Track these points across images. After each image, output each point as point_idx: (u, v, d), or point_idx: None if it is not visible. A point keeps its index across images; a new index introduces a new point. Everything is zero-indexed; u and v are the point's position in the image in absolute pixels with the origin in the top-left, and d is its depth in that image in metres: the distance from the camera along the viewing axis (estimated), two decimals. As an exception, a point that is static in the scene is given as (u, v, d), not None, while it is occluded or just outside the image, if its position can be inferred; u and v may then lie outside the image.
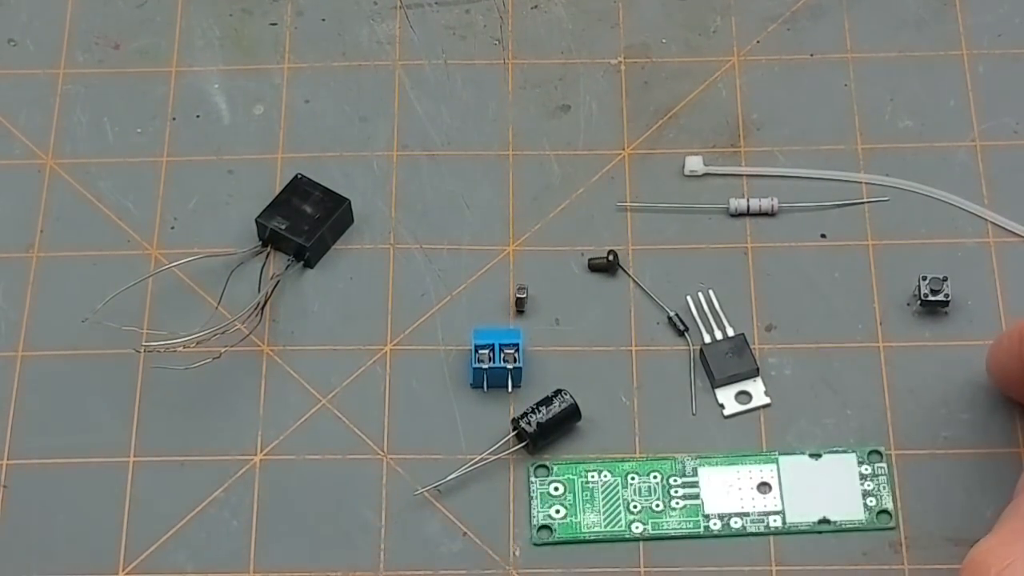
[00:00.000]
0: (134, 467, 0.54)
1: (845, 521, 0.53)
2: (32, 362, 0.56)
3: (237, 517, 0.53)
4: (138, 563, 0.53)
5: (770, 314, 0.56)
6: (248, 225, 0.58)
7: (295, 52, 0.62)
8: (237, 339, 0.55)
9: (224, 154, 0.60)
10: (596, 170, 0.60)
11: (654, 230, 0.58)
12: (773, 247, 0.58)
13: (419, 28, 0.63)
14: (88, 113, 0.61)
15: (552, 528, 0.53)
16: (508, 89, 0.61)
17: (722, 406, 0.55)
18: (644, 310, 0.57)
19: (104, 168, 0.60)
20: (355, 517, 0.53)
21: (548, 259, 0.58)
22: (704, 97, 0.61)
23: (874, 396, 0.55)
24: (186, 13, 0.63)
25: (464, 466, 0.53)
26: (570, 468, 0.54)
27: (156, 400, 0.55)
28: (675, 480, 0.54)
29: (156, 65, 0.62)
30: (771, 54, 0.62)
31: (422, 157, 0.60)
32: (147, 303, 0.57)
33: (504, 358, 0.55)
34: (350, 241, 0.58)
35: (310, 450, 0.54)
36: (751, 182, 0.59)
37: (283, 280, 0.57)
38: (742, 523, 0.53)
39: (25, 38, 0.63)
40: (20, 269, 0.58)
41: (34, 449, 0.54)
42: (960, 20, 0.62)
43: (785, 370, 0.56)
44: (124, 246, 0.58)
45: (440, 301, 0.57)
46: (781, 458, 0.54)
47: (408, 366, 0.56)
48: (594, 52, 0.62)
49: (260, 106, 0.61)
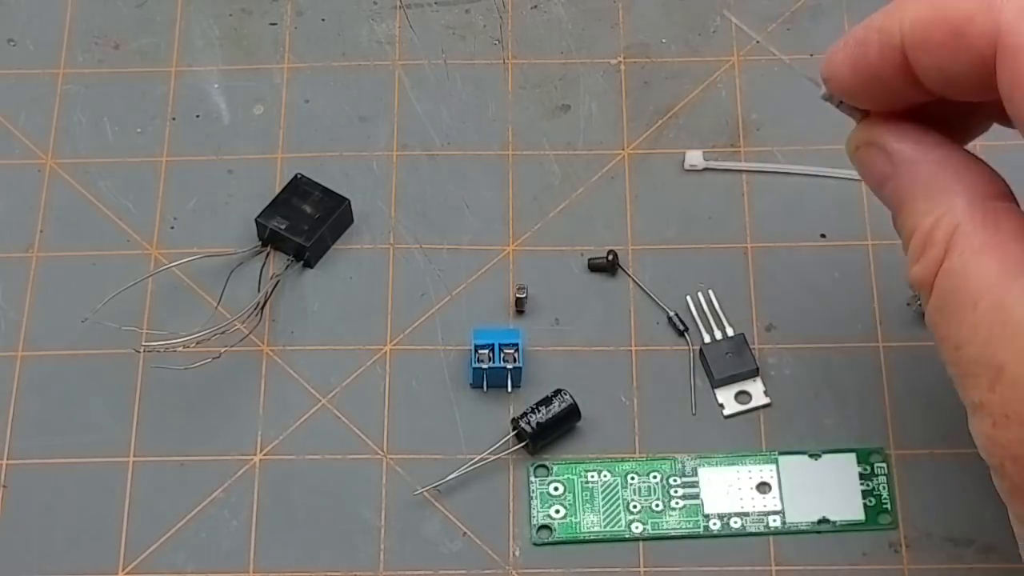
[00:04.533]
0: (134, 467, 0.54)
1: (845, 521, 0.53)
2: (32, 362, 0.56)
3: (237, 517, 0.53)
4: (138, 563, 0.53)
5: (770, 314, 0.57)
6: (248, 225, 0.58)
7: (295, 52, 0.62)
8: (237, 339, 0.55)
9: (224, 154, 0.60)
10: (596, 170, 0.60)
11: (654, 230, 0.58)
12: (773, 247, 0.58)
13: (419, 28, 0.63)
14: (88, 113, 0.61)
15: (552, 528, 0.53)
16: (508, 89, 0.61)
17: (722, 406, 0.55)
18: (644, 310, 0.57)
19: (104, 168, 0.60)
20: (355, 517, 0.53)
21: (548, 259, 0.58)
22: (704, 97, 0.61)
23: (874, 396, 0.55)
24: (186, 13, 0.63)
25: (464, 466, 0.53)
26: (570, 468, 0.54)
27: (156, 400, 0.55)
28: (675, 480, 0.54)
29: (156, 65, 0.62)
30: (771, 54, 0.62)
31: (422, 157, 0.60)
32: (147, 303, 0.57)
33: (504, 358, 0.55)
34: (350, 241, 0.58)
35: (310, 450, 0.54)
36: (751, 181, 0.59)
37: (283, 280, 0.57)
38: (742, 523, 0.53)
39: (25, 38, 0.63)
40: (20, 269, 0.58)
41: (34, 449, 0.54)
42: (960, 20, 0.62)
43: (785, 370, 0.56)
44: (124, 246, 0.58)
45: (440, 301, 0.57)
46: (781, 458, 0.54)
47: (408, 366, 0.56)
48: (594, 52, 0.62)
49: (260, 106, 0.61)
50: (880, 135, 0.46)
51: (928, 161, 0.45)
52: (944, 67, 0.43)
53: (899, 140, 0.46)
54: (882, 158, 0.46)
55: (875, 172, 0.47)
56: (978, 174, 0.45)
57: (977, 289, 0.43)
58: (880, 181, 0.47)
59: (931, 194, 0.45)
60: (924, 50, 0.43)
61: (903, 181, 0.46)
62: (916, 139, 0.46)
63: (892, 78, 0.45)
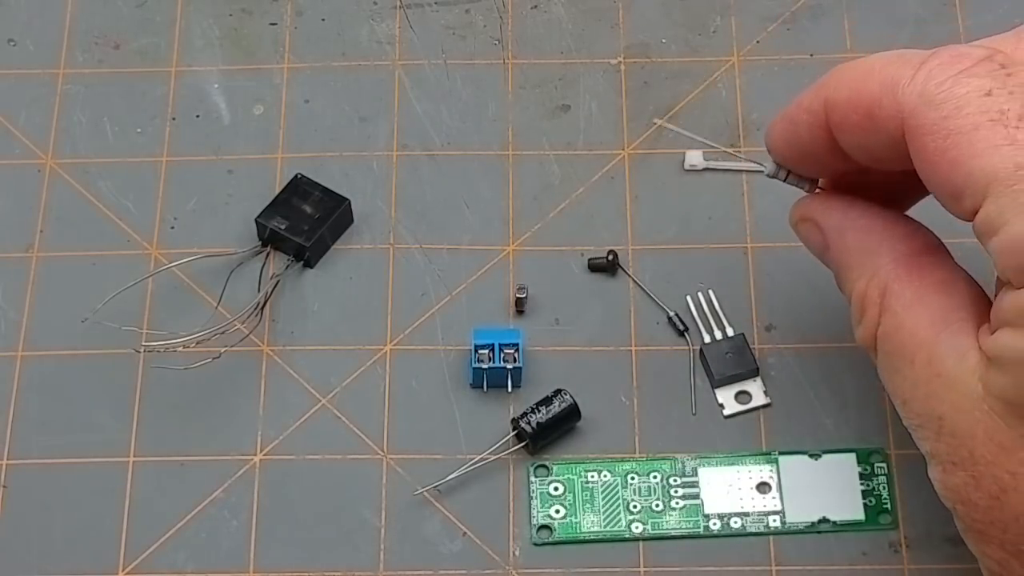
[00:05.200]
0: (134, 467, 0.54)
1: (845, 521, 0.53)
2: (32, 362, 0.56)
3: (237, 517, 0.53)
4: (138, 563, 0.53)
5: (770, 314, 0.57)
6: (248, 225, 0.58)
7: (295, 52, 0.62)
8: (237, 339, 0.55)
9: (224, 154, 0.60)
10: (596, 170, 0.60)
11: (654, 230, 0.58)
12: (773, 247, 0.58)
13: (419, 28, 0.63)
14: (88, 113, 0.61)
15: (552, 528, 0.53)
16: (508, 89, 0.61)
17: (722, 406, 0.55)
18: (644, 310, 0.57)
19: (104, 168, 0.60)
20: (355, 517, 0.53)
21: (548, 259, 0.58)
22: (704, 97, 0.61)
23: (874, 396, 0.55)
24: (186, 13, 0.63)
25: (464, 466, 0.53)
26: (570, 468, 0.54)
27: (156, 400, 0.55)
28: (675, 480, 0.54)
29: (156, 65, 0.62)
30: (771, 54, 0.62)
31: (422, 157, 0.60)
32: (147, 303, 0.57)
33: (504, 358, 0.55)
34: (350, 241, 0.58)
35: (310, 450, 0.54)
36: (751, 181, 0.59)
37: (283, 280, 0.57)
38: (742, 523, 0.53)
39: (25, 38, 0.63)
40: (20, 269, 0.58)
41: (34, 449, 0.54)
42: (960, 20, 0.62)
43: (785, 370, 0.56)
44: (124, 246, 0.58)
45: (440, 301, 0.57)
46: (781, 458, 0.54)
47: (408, 366, 0.56)
48: (594, 52, 0.62)
49: (260, 106, 0.61)
50: (811, 210, 0.50)
51: (855, 228, 0.48)
52: (864, 145, 0.47)
53: (827, 213, 0.49)
54: (816, 231, 0.50)
55: (813, 244, 0.50)
56: (902, 232, 0.47)
57: (912, 345, 0.46)
58: (819, 252, 0.50)
59: (861, 258, 0.48)
60: (843, 130, 0.47)
61: (836, 250, 0.49)
62: (843, 210, 0.49)
63: (823, 153, 0.48)
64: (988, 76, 0.43)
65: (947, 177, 0.43)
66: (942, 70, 0.44)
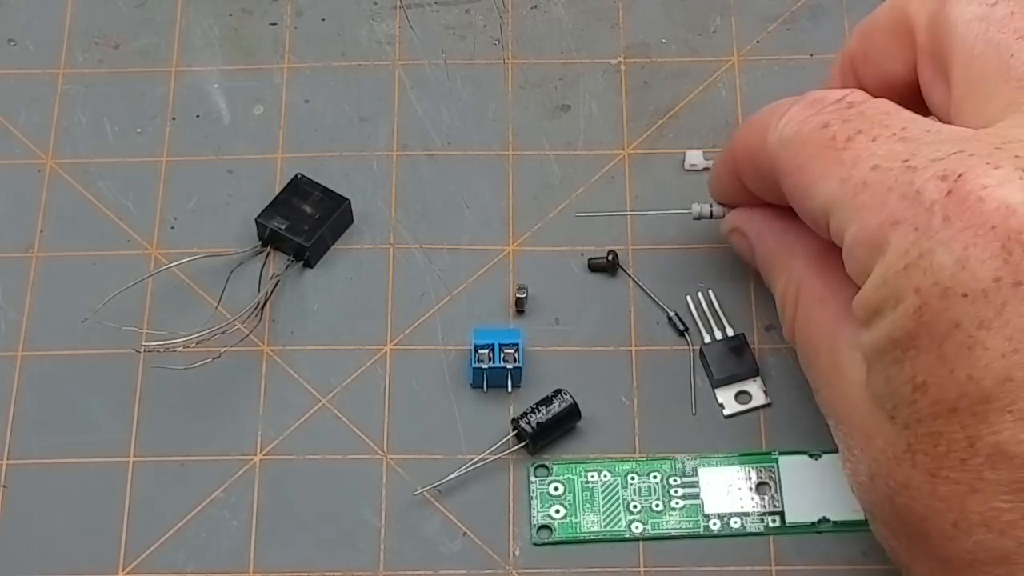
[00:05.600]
0: (134, 467, 0.54)
1: (845, 521, 0.53)
2: (32, 362, 0.56)
3: (237, 517, 0.53)
4: (138, 563, 0.53)
5: (770, 314, 0.56)
6: (248, 225, 0.58)
7: (295, 52, 0.62)
8: (237, 339, 0.55)
9: (224, 154, 0.60)
10: (596, 170, 0.60)
11: (654, 230, 0.58)
12: (773, 247, 0.58)
13: (419, 28, 0.63)
14: (88, 113, 0.61)
15: (552, 528, 0.53)
16: (508, 89, 0.61)
17: (722, 406, 0.55)
18: (644, 310, 0.57)
19: (104, 168, 0.60)
20: (355, 517, 0.53)
21: (548, 259, 0.58)
22: (704, 97, 0.61)
23: (874, 396, 0.55)
24: (186, 13, 0.63)
25: (464, 466, 0.53)
26: (570, 468, 0.54)
27: (156, 400, 0.55)
28: (675, 480, 0.54)
29: (156, 65, 0.62)
30: (771, 54, 0.62)
31: (422, 157, 0.60)
32: (147, 303, 0.57)
33: (504, 358, 0.55)
34: (350, 241, 0.58)
35: (310, 450, 0.54)
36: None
37: (283, 280, 0.57)
38: (742, 523, 0.53)
39: (25, 38, 0.63)
40: (20, 269, 0.58)
41: (34, 449, 0.54)
42: (960, 20, 0.62)
43: (785, 370, 0.56)
44: (124, 246, 0.58)
45: (440, 301, 0.57)
46: (781, 458, 0.54)
47: (408, 366, 0.56)
48: (594, 52, 0.62)
49: (260, 106, 0.61)
50: (738, 220, 0.54)
51: (773, 231, 0.52)
52: (760, 189, 0.51)
53: (750, 221, 0.53)
54: (743, 238, 0.54)
55: (742, 250, 0.54)
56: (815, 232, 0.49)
57: (818, 338, 0.49)
58: (748, 258, 0.54)
59: (780, 259, 0.51)
60: (744, 178, 0.52)
61: (759, 253, 0.53)
62: (763, 217, 0.53)
63: (746, 196, 0.53)
64: (833, 113, 0.46)
65: (805, 207, 0.47)
66: (799, 114, 0.47)
